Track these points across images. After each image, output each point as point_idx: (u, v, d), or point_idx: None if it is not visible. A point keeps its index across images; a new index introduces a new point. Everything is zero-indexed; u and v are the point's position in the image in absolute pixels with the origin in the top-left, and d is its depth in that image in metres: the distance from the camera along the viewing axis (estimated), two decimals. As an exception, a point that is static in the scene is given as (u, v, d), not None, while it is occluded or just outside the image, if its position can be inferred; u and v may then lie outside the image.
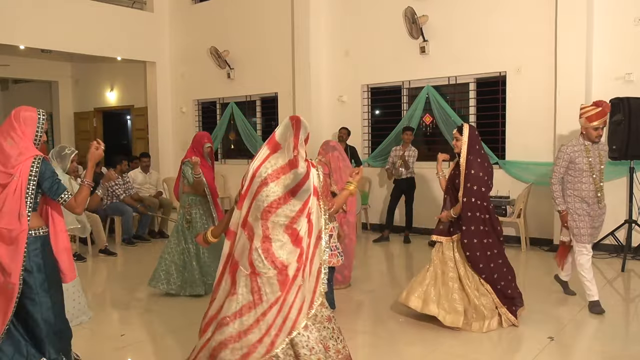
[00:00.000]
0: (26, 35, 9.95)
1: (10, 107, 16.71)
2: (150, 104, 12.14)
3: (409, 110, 8.72)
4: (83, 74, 14.14)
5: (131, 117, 13.27)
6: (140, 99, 12.55)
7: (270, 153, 2.99)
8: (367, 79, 9.27)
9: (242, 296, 2.92)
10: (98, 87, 13.77)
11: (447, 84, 8.47)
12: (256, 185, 2.95)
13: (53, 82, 14.40)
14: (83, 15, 10.48)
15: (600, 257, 6.87)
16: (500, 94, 7.98)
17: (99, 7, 10.93)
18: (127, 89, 13.13)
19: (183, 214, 5.58)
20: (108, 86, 13.51)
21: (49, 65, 13.82)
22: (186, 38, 11.68)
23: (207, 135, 5.93)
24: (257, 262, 2.89)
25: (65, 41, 10.40)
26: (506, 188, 7.77)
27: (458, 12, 8.14)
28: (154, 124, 12.09)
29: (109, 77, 13.43)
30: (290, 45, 9.92)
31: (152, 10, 11.72)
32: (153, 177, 9.44)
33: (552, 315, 5.04)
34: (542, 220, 7.57)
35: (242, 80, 10.79)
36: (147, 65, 11.97)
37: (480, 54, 7.99)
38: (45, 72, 13.95)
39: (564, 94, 7.19)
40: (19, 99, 16.35)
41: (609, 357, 4.05)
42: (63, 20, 10.16)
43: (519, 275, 6.59)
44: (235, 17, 10.76)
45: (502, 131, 8.00)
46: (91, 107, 14.00)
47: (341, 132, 8.63)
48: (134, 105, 12.92)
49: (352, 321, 4.74)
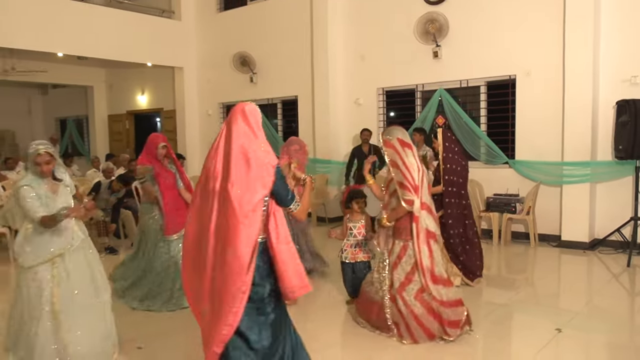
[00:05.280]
0: (64, 43, 10.12)
1: (50, 109, 17.10)
2: (179, 107, 12.25)
3: (422, 112, 8.69)
4: (116, 79, 14.30)
5: (161, 119, 13.40)
6: (169, 102, 12.66)
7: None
8: (383, 83, 9.25)
9: (437, 254, 3.93)
10: (130, 91, 13.92)
11: (459, 87, 8.41)
12: (421, 174, 3.83)
13: (89, 86, 14.58)
14: (116, 24, 10.62)
15: (606, 253, 6.80)
16: (510, 97, 7.91)
17: (130, 16, 11.06)
18: (156, 93, 13.26)
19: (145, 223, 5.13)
20: (139, 90, 13.66)
21: (85, 71, 14.00)
22: (212, 45, 11.75)
23: (162, 136, 5.32)
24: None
25: (99, 48, 10.53)
26: (515, 186, 7.71)
27: (470, 18, 8.08)
28: (182, 125, 12.20)
29: (140, 81, 13.57)
30: (309, 50, 9.94)
31: (180, 19, 11.81)
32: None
33: (559, 307, 5.01)
34: (550, 218, 7.48)
35: (264, 84, 10.84)
36: (175, 70, 12.08)
37: (491, 58, 7.92)
38: (82, 78, 14.13)
39: (572, 96, 7.11)
40: (57, 103, 16.64)
41: (614, 347, 4.02)
42: (98, 29, 10.29)
43: (528, 269, 6.57)
44: (258, 25, 10.81)
45: (511, 132, 7.92)
46: (124, 110, 14.16)
47: (364, 135, 8.49)
48: (163, 108, 13.04)
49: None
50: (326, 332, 4.29)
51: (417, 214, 3.84)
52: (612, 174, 7.07)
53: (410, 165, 3.84)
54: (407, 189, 3.81)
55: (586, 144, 7.06)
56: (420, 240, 3.83)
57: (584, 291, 5.61)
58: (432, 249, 3.88)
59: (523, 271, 6.53)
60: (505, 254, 7.13)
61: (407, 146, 3.91)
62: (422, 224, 3.85)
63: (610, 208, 7.13)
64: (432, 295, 3.82)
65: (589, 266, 6.47)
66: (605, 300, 5.08)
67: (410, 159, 3.87)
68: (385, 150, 3.97)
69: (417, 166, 3.89)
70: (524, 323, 4.55)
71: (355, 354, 3.93)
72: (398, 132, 3.99)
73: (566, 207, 7.27)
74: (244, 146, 2.56)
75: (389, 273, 4.00)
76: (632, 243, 6.46)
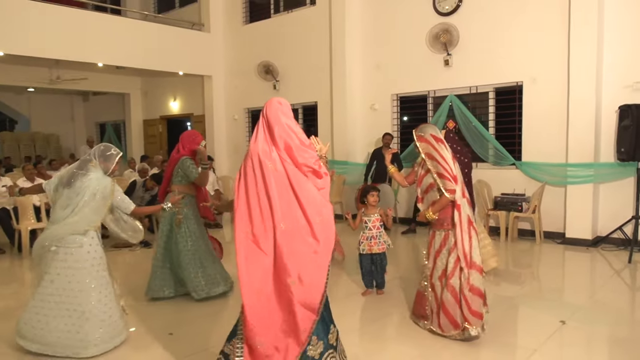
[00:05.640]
0: (104, 54, 10.28)
1: (90, 115, 17.39)
2: (207, 112, 12.35)
3: (434, 117, 8.63)
4: (151, 87, 14.48)
5: (191, 123, 13.52)
6: (199, 108, 12.77)
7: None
8: (397, 89, 9.22)
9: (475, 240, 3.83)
10: (163, 97, 14.07)
11: (469, 93, 8.34)
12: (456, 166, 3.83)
13: (126, 93, 14.77)
14: (151, 37, 10.76)
15: (608, 250, 6.70)
16: (517, 102, 7.81)
17: (164, 29, 11.20)
18: (187, 99, 13.39)
19: (172, 215, 4.76)
20: (171, 97, 13.81)
21: (122, 80, 14.20)
22: (238, 55, 11.83)
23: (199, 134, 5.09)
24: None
25: (136, 59, 10.69)
26: (522, 186, 7.62)
27: (479, 28, 8.00)
28: (210, 129, 12.30)
29: (172, 89, 13.72)
30: (328, 59, 9.94)
31: (209, 31, 11.91)
32: (211, 177, 9.50)
33: (564, 301, 4.95)
34: (555, 216, 7.38)
35: (286, 91, 10.87)
36: (205, 78, 12.18)
37: (499, 65, 7.84)
38: (119, 85, 14.34)
39: (576, 101, 7.01)
40: (97, 109, 16.91)
41: (616, 339, 3.95)
42: (134, 41, 10.45)
43: (533, 264, 6.49)
44: (281, 36, 10.85)
45: (518, 135, 7.83)
46: (157, 115, 14.33)
47: (386, 139, 8.44)
48: (193, 113, 13.16)
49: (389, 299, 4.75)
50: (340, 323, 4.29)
51: (460, 202, 3.77)
52: (614, 175, 6.94)
53: (445, 156, 3.79)
54: (447, 178, 3.73)
55: (590, 147, 6.95)
56: (463, 229, 3.76)
57: (587, 286, 5.53)
58: (472, 236, 3.80)
59: (528, 266, 6.45)
60: (512, 250, 7.05)
61: (440, 141, 3.86)
62: (464, 212, 3.79)
63: (612, 207, 7.01)
64: (467, 278, 3.72)
65: (592, 262, 6.36)
66: (607, 295, 4.99)
67: (445, 152, 3.80)
68: (419, 144, 3.89)
69: (451, 158, 3.83)
70: (529, 315, 4.50)
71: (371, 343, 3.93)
72: (431, 129, 3.93)
73: (570, 206, 7.17)
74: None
75: (430, 262, 3.95)
76: (634, 240, 6.34)
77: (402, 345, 3.82)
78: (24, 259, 6.78)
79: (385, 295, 4.93)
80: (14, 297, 5.33)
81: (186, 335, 4.01)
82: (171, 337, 3.95)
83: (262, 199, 2.68)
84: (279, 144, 2.72)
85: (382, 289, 4.92)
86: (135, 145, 14.80)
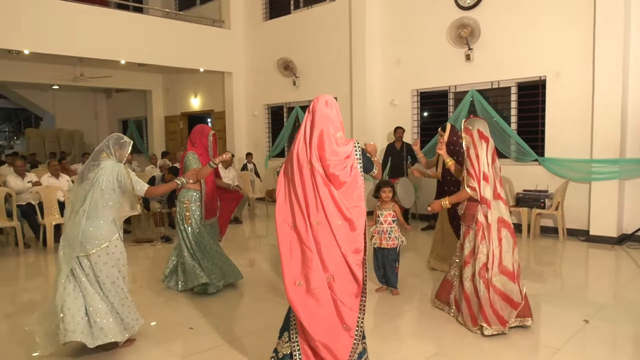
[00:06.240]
0: (126, 52, 10.43)
1: (113, 112, 17.65)
2: (228, 108, 12.43)
3: (454, 112, 8.54)
4: (172, 84, 14.63)
5: (211, 119, 13.62)
6: (219, 104, 12.86)
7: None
8: (417, 85, 9.13)
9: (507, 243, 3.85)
10: (184, 94, 14.21)
11: (490, 88, 8.22)
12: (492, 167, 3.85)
13: (147, 90, 14.97)
14: (172, 34, 10.86)
15: (634, 248, 6.56)
16: (540, 97, 7.68)
17: (185, 26, 11.29)
18: (208, 96, 13.49)
19: (182, 210, 4.88)
20: (192, 93, 13.92)
21: (144, 77, 14.38)
22: (258, 51, 11.86)
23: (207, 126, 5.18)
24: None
25: (157, 56, 10.80)
26: (545, 183, 7.49)
27: (501, 22, 7.88)
28: (231, 125, 12.37)
29: (193, 85, 13.84)
30: (348, 55, 9.90)
31: (229, 28, 11.97)
32: (231, 173, 9.56)
33: (587, 299, 4.84)
34: (578, 213, 7.25)
35: (305, 87, 10.87)
36: (225, 75, 12.25)
37: (522, 59, 7.71)
38: (141, 83, 14.53)
39: (602, 95, 6.85)
40: (120, 105, 17.16)
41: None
42: (156, 39, 10.56)
43: (556, 262, 6.38)
44: (300, 32, 10.85)
45: (541, 130, 7.69)
46: (178, 112, 14.47)
47: (398, 132, 8.44)
48: (213, 109, 13.26)
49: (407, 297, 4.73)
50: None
51: (490, 201, 3.82)
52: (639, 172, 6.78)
53: (481, 157, 3.84)
54: (472, 176, 3.84)
55: (615, 142, 6.80)
56: (492, 229, 3.81)
57: (611, 284, 5.41)
58: (502, 237, 3.82)
59: (551, 264, 6.34)
60: (534, 247, 6.94)
61: (484, 139, 3.88)
62: (494, 212, 3.82)
63: (638, 204, 6.85)
64: (492, 282, 3.78)
65: (617, 260, 6.22)
66: (632, 293, 4.88)
67: (483, 152, 3.85)
68: (464, 137, 3.94)
69: (488, 159, 3.86)
70: (551, 314, 4.42)
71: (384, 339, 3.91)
72: (480, 125, 3.94)
73: (595, 202, 7.03)
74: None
75: (462, 254, 4.06)
76: (661, 238, 6.19)
77: (420, 342, 3.80)
78: (49, 253, 6.92)
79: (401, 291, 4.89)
80: (39, 290, 5.44)
81: (206, 329, 4.05)
82: (192, 331, 3.99)
83: (300, 196, 2.76)
84: (315, 143, 2.76)
85: (396, 288, 4.86)
86: (156, 142, 14.98)
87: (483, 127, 3.92)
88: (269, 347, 3.15)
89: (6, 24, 8.65)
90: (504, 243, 3.83)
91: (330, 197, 2.74)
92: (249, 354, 3.55)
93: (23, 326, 3.85)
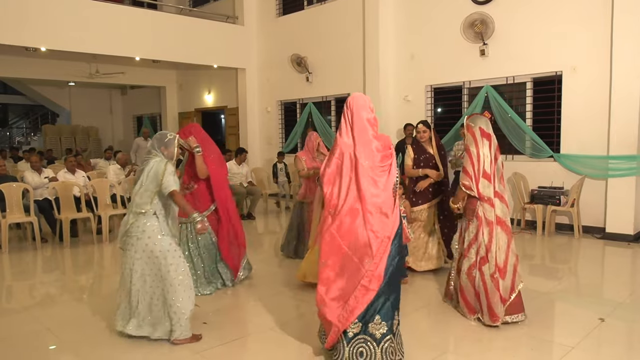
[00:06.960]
0: (141, 48, 10.50)
1: (128, 108, 17.80)
2: (241, 104, 12.47)
3: (469, 108, 8.47)
4: (186, 80, 14.71)
5: (225, 115, 13.67)
6: (233, 100, 12.91)
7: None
8: (430, 80, 9.08)
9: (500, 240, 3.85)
10: (198, 90, 14.28)
11: (505, 83, 8.14)
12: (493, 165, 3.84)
13: (161, 87, 15.07)
14: (186, 30, 10.91)
15: (652, 245, 6.46)
16: (556, 92, 7.58)
17: (199, 23, 11.34)
18: (221, 92, 13.54)
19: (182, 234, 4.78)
20: (206, 90, 13.99)
21: (158, 73, 14.48)
22: (271, 47, 11.88)
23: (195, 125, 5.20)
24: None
25: (171, 52, 10.86)
26: (560, 179, 7.41)
27: (516, 17, 7.79)
28: (244, 121, 12.42)
29: (206, 82, 13.90)
30: (361, 50, 9.87)
31: (243, 24, 11.99)
32: (244, 169, 9.59)
33: (603, 297, 4.79)
34: (595, 210, 7.16)
35: (318, 83, 10.86)
36: (238, 71, 12.29)
37: (537, 54, 7.62)
38: (155, 79, 14.63)
39: (619, 90, 6.75)
40: (134, 102, 17.29)
41: (658, 339, 3.81)
42: (170, 35, 10.62)
43: (571, 259, 6.32)
44: (313, 28, 10.83)
45: (557, 126, 7.60)
46: (192, 108, 14.55)
47: (408, 129, 8.32)
48: (227, 105, 13.31)
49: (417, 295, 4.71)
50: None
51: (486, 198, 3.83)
52: (661, 168, 6.68)
53: (481, 155, 3.84)
54: (467, 174, 3.86)
55: (633, 138, 6.70)
56: (490, 225, 3.84)
57: (628, 282, 5.33)
58: (493, 234, 3.83)
59: (566, 261, 6.27)
60: (549, 244, 6.87)
61: (486, 136, 3.88)
62: (491, 210, 3.83)
63: (657, 201, 6.74)
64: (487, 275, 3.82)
65: (634, 258, 6.14)
66: (650, 292, 4.81)
67: (485, 150, 3.85)
68: (466, 134, 3.97)
69: (489, 158, 3.86)
70: (566, 312, 4.38)
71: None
72: (481, 122, 3.93)
73: (611, 199, 6.93)
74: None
75: (460, 247, 4.11)
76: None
77: (435, 338, 3.79)
78: (65, 247, 7.01)
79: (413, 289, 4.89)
80: (55, 284, 5.52)
81: (220, 324, 4.08)
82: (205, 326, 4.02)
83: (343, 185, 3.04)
84: (357, 137, 3.04)
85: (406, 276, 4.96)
86: (171, 138, 15.04)
87: (485, 125, 3.91)
88: (283, 341, 3.16)
89: (23, 22, 8.77)
90: (498, 240, 3.85)
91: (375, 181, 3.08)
92: (263, 349, 3.57)
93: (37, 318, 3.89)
